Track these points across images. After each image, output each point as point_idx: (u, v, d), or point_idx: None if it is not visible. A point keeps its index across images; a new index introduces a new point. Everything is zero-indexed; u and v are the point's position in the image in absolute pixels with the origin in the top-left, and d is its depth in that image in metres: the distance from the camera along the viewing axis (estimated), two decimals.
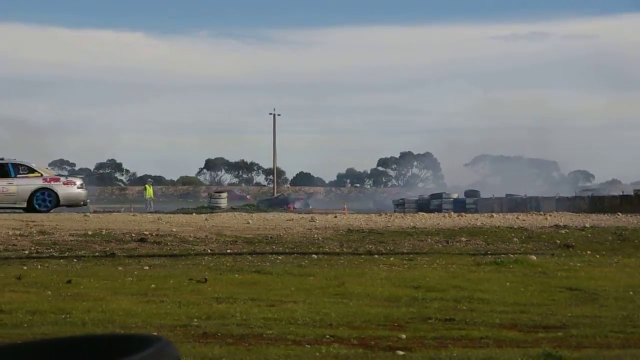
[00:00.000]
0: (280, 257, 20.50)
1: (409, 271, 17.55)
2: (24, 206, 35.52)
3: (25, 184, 35.65)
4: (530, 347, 9.02)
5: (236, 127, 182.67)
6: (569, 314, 11.55)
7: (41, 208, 35.20)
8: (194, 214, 38.81)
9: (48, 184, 35.82)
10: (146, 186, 57.10)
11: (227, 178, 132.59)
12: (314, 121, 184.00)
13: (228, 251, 21.93)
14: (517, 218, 35.88)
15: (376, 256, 21.16)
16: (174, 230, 25.91)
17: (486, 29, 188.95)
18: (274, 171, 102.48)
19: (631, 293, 13.93)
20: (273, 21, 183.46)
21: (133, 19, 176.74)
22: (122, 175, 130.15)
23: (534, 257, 19.98)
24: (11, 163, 36.25)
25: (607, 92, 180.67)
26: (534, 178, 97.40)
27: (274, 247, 22.99)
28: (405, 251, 22.70)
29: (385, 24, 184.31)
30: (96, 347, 1.50)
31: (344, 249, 23.06)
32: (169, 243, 23.26)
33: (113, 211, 46.46)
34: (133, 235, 24.35)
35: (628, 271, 17.96)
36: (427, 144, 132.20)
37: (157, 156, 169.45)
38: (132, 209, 50.14)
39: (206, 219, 31.88)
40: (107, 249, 21.71)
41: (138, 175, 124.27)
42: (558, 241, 25.23)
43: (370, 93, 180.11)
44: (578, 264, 19.24)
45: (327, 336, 9.61)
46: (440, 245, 24.52)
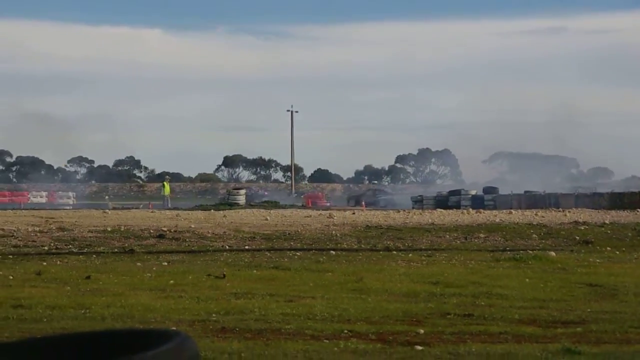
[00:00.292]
0: (298, 253, 20.51)
1: (428, 267, 17.52)
2: None
3: None
4: (549, 343, 8.98)
5: (254, 124, 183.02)
6: (588, 310, 11.49)
7: None
8: (212, 211, 38.89)
9: None
10: (164, 183, 57.21)
11: (245, 175, 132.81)
12: (332, 118, 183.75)
13: (246, 247, 21.98)
14: (536, 215, 35.78)
15: (394, 252, 21.14)
16: (192, 226, 25.98)
17: (503, 24, 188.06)
18: (292, 168, 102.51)
19: None
20: (290, 17, 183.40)
21: (150, 16, 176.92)
22: (141, 172, 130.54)
23: (553, 254, 19.90)
24: None
25: (627, 88, 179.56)
26: (553, 175, 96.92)
27: (292, 243, 23.02)
28: (423, 247, 22.67)
29: (401, 20, 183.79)
30: (116, 342, 1.50)
31: (362, 245, 23.06)
32: (188, 239, 23.33)
33: (131, 208, 46.62)
34: (152, 231, 24.44)
35: None
36: (445, 141, 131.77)
37: (175, 153, 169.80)
38: (151, 206, 50.25)
39: (224, 216, 31.96)
40: (126, 245, 21.80)
41: (156, 172, 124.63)
42: (577, 237, 25.14)
43: (388, 89, 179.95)
44: (597, 260, 19.15)
45: (346, 331, 9.60)
46: (458, 241, 24.48)
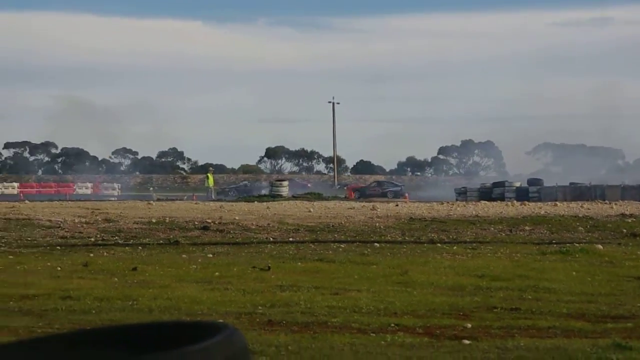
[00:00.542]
0: (342, 246, 20.50)
1: (473, 260, 17.41)
2: None
3: None
4: (599, 338, 8.87)
5: (296, 116, 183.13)
6: (638, 304, 11.34)
7: None
8: (256, 203, 39.01)
9: None
10: (208, 174, 57.48)
11: (288, 166, 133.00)
12: (375, 109, 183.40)
13: (290, 239, 22.01)
14: (582, 207, 35.42)
15: (439, 245, 21.04)
16: (237, 218, 26.07)
17: (547, 15, 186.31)
18: (334, 159, 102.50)
19: None
20: (331, 9, 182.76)
21: (192, 8, 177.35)
22: (184, 163, 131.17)
23: (600, 247, 19.68)
24: None
25: None
26: (598, 166, 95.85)
27: (336, 236, 23.01)
28: (468, 240, 22.55)
29: (444, 11, 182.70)
30: (164, 334, 1.50)
31: (406, 238, 22.99)
32: (232, 231, 23.42)
33: (176, 199, 46.92)
34: (196, 223, 24.57)
35: None
36: (488, 132, 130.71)
37: (218, 144, 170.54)
38: (195, 197, 50.53)
39: (268, 207, 32.04)
40: (171, 237, 21.94)
41: (200, 163, 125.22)
42: (624, 230, 24.84)
43: (430, 80, 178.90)
44: None
45: (392, 324, 9.57)
46: (503, 234, 24.31)
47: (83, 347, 1.47)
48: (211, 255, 18.15)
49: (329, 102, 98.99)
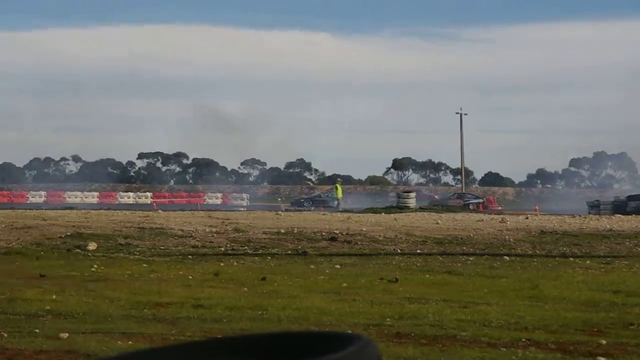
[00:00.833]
0: (471, 258, 20.27)
1: (607, 275, 16.92)
2: None
3: None
4: None
5: (423, 127, 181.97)
6: None
7: None
8: (383, 214, 38.98)
9: None
10: (337, 185, 57.77)
11: (415, 178, 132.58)
12: (503, 120, 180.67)
13: (418, 251, 21.89)
14: None
15: (571, 259, 20.56)
16: (364, 229, 26.11)
17: None
18: (462, 171, 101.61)
19: None
20: (457, 19, 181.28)
21: (318, 20, 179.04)
22: (311, 174, 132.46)
23: None
24: None
25: None
26: None
27: (464, 248, 22.78)
28: (601, 254, 21.95)
29: (570, 21, 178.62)
30: (298, 345, 1.49)
31: (537, 251, 22.56)
32: (359, 242, 23.46)
33: (304, 210, 47.38)
34: (324, 234, 24.72)
35: None
36: (622, 144, 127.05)
37: (345, 156, 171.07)
38: (322, 208, 50.90)
39: (395, 219, 31.97)
40: (299, 247, 22.13)
41: (327, 174, 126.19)
42: None
43: (560, 91, 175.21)
44: None
45: (523, 339, 9.38)
46: (639, 248, 23.56)
47: (216, 356, 1.48)
48: (339, 266, 18.21)
49: (457, 113, 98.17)
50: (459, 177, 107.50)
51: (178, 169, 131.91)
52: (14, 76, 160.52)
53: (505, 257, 20.47)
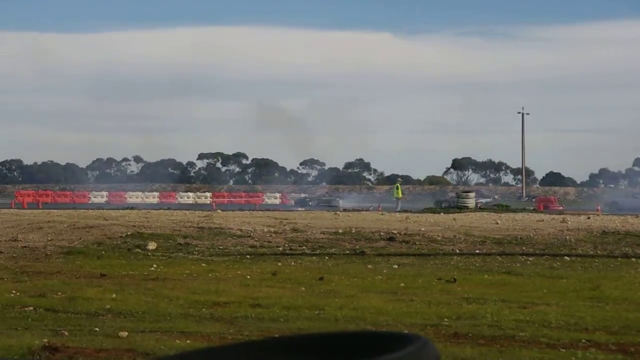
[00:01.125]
0: (530, 259, 20.07)
1: None
2: None
3: None
4: None
5: (483, 127, 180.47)
6: None
7: None
8: (442, 214, 38.76)
9: None
10: (398, 185, 57.57)
11: (474, 178, 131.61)
12: (564, 120, 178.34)
13: (477, 251, 21.73)
14: None
15: (633, 259, 20.24)
16: (422, 229, 25.99)
17: None
18: (523, 171, 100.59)
19: None
20: (517, 18, 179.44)
21: (379, 20, 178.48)
22: (370, 174, 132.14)
23: None
24: None
25: None
26: None
27: (524, 248, 22.55)
28: None
29: (634, 19, 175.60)
30: (356, 344, 1.48)
31: (598, 251, 22.24)
32: (417, 242, 23.36)
33: (362, 210, 47.29)
34: (382, 234, 24.65)
35: None
36: None
37: (404, 155, 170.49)
38: (380, 208, 50.75)
39: (454, 219, 31.77)
40: (357, 247, 22.11)
41: (385, 174, 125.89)
42: None
43: (623, 90, 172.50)
44: None
45: (583, 340, 9.26)
46: None
47: (273, 355, 1.48)
48: (396, 266, 18.16)
49: (518, 113, 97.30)
50: (520, 177, 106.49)
51: (237, 169, 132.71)
52: (78, 78, 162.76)
53: (565, 258, 20.23)
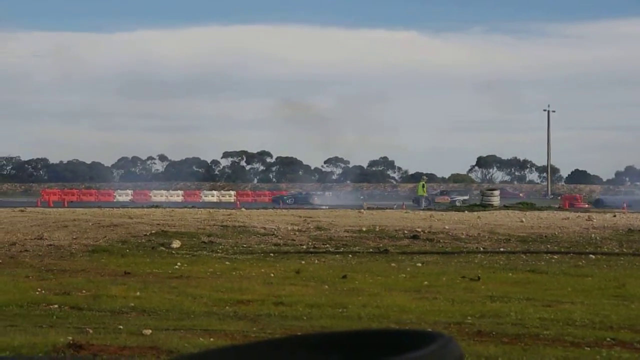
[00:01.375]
0: (555, 257, 19.97)
1: None
2: None
3: None
4: None
5: (509, 124, 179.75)
6: None
7: None
8: (466, 212, 38.64)
9: None
10: (423, 183, 57.42)
11: (499, 176, 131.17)
12: (590, 117, 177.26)
13: (501, 249, 21.65)
14: None
15: None
16: (446, 227, 25.92)
17: None
18: (548, 169, 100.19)
19: None
20: (545, 15, 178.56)
21: (406, 18, 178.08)
22: (394, 172, 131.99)
23: None
24: None
25: None
26: None
27: (549, 246, 22.44)
28: None
29: None
30: (379, 342, 1.48)
31: (624, 249, 22.10)
32: (441, 240, 23.30)
33: (386, 208, 47.23)
34: (406, 232, 24.61)
35: None
36: None
37: (428, 153, 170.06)
38: (404, 206, 50.67)
39: (478, 217, 31.66)
40: (381, 245, 22.08)
41: (410, 172, 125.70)
42: None
43: None
44: None
45: (608, 339, 9.19)
46: None
47: (297, 353, 1.48)
48: (420, 264, 18.13)
49: (544, 110, 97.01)
50: (545, 175, 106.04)
51: (262, 168, 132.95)
52: (104, 77, 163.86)
53: (591, 256, 20.11)
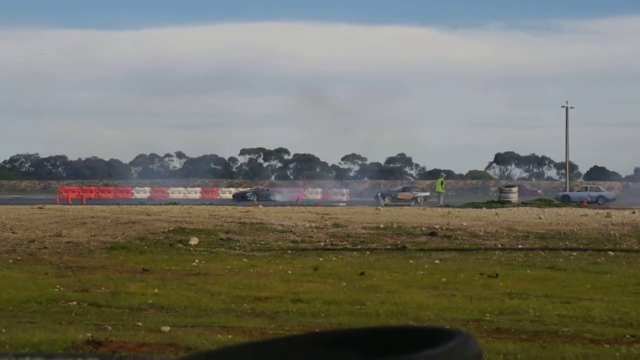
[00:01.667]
0: (574, 254, 19.89)
1: None
2: None
3: None
4: None
5: (527, 121, 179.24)
6: None
7: None
8: (484, 209, 38.54)
9: None
10: (442, 180, 57.26)
11: (517, 172, 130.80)
12: (609, 113, 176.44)
13: (519, 246, 21.58)
14: None
15: None
16: (464, 224, 25.86)
17: None
18: (566, 165, 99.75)
19: None
20: (562, 11, 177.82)
21: (423, 14, 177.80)
22: (412, 169, 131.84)
23: None
24: None
25: None
26: None
27: (567, 243, 22.35)
28: None
29: None
30: (397, 339, 1.47)
31: None
32: (459, 237, 23.24)
33: (403, 205, 47.22)
34: (423, 229, 24.57)
35: None
36: None
37: (446, 150, 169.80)
38: (422, 203, 50.65)
39: (496, 214, 31.57)
40: (398, 242, 22.05)
41: (427, 169, 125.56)
42: None
43: None
44: None
45: (628, 336, 9.15)
46: None
47: (315, 350, 1.48)
48: (438, 261, 18.09)
49: (562, 107, 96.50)
50: (563, 172, 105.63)
51: (279, 165, 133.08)
52: (121, 74, 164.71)
53: (610, 253, 20.02)
